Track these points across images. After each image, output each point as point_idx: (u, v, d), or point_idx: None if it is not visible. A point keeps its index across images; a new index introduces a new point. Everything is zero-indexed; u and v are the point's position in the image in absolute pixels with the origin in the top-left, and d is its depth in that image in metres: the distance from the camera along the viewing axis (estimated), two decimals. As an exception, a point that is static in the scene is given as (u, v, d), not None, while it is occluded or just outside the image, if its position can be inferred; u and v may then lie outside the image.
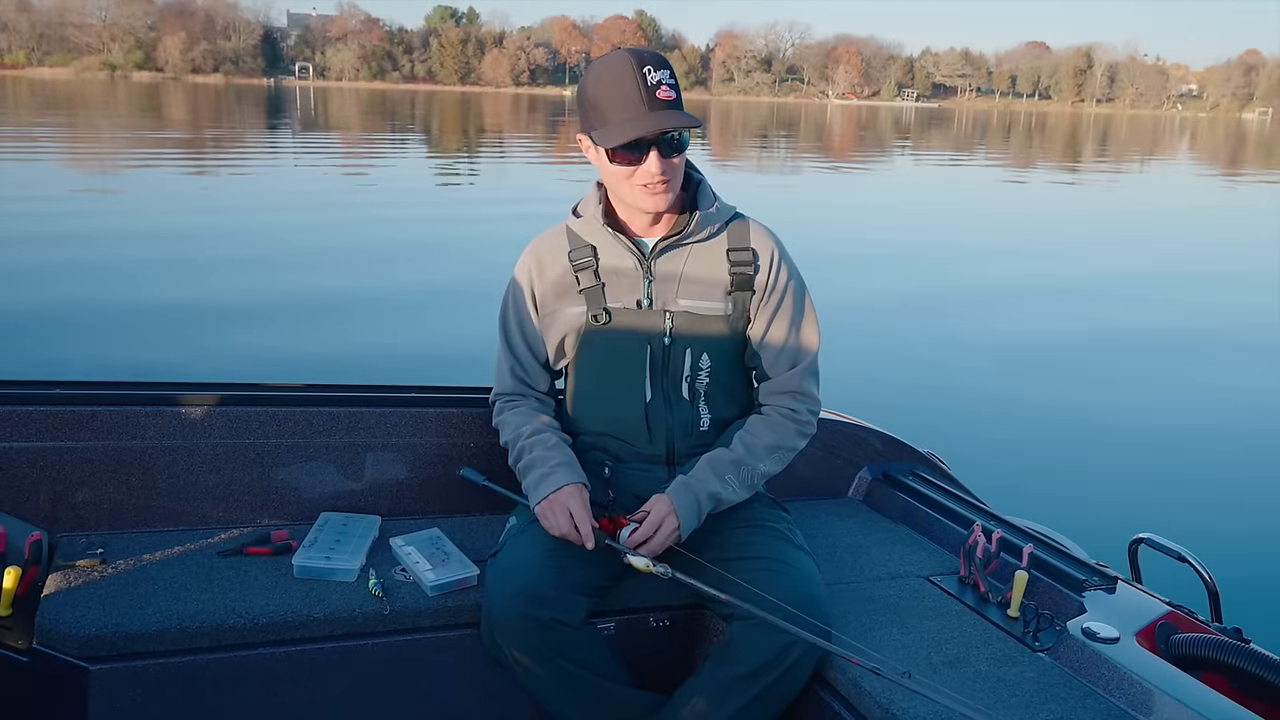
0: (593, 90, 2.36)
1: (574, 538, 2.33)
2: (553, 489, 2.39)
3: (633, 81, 2.27)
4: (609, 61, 2.33)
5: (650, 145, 2.30)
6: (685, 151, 2.39)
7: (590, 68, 2.41)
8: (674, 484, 2.43)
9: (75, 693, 2.19)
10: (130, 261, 11.57)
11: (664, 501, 2.39)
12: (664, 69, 2.31)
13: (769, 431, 2.54)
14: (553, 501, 2.37)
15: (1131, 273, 13.92)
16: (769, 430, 2.55)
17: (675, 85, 2.31)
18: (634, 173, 2.35)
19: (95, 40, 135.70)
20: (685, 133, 2.35)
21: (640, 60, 2.29)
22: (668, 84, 2.29)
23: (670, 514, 2.37)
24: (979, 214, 21.06)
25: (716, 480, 2.45)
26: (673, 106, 2.30)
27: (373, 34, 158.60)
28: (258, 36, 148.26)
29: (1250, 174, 38.54)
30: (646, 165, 2.32)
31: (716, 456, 2.49)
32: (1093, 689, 2.22)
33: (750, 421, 2.57)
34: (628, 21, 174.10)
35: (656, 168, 2.32)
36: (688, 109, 2.36)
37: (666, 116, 2.28)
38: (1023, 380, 8.38)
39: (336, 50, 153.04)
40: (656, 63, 2.31)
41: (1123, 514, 5.47)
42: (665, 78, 2.29)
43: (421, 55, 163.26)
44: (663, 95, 2.28)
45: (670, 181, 2.37)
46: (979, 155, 42.82)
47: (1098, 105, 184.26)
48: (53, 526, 2.61)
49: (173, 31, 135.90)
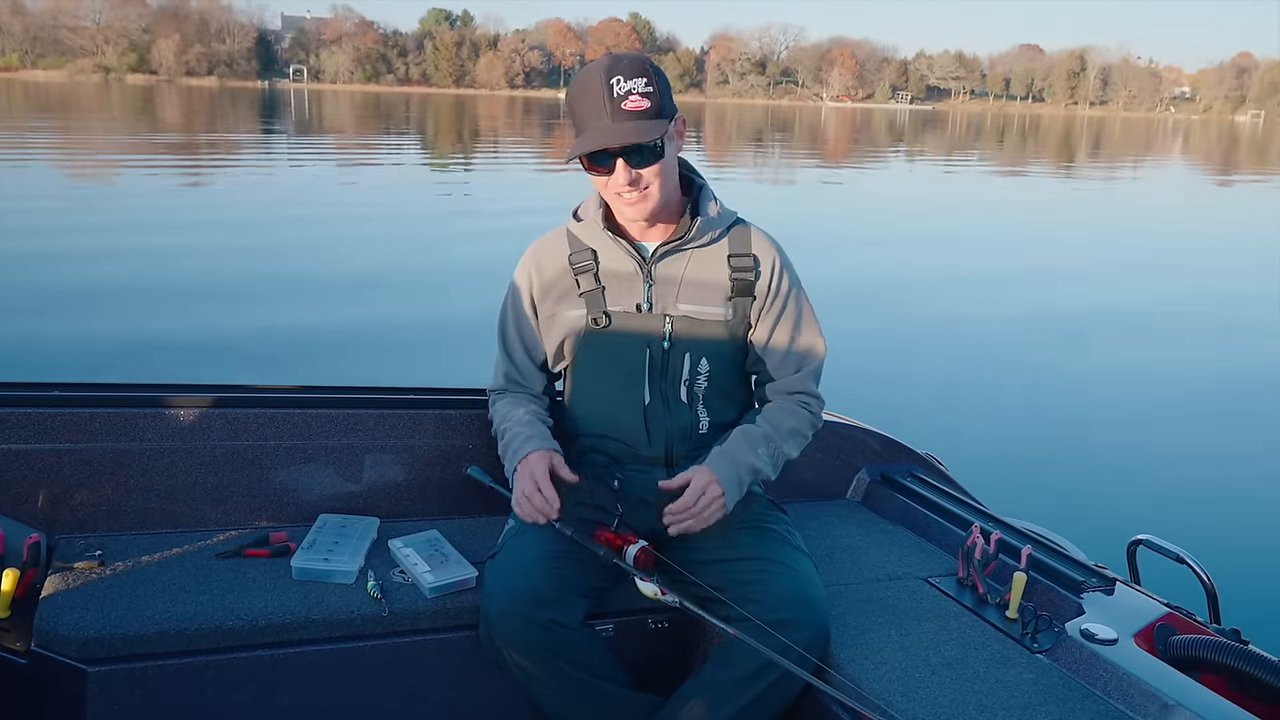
0: (570, 100, 2.38)
1: (537, 500, 2.34)
2: (519, 459, 2.43)
3: (599, 91, 2.27)
4: (586, 70, 2.33)
5: (617, 156, 2.31)
6: (663, 159, 2.36)
7: (573, 79, 2.41)
8: (712, 455, 2.43)
9: (73, 695, 2.19)
10: (128, 262, 11.56)
11: (704, 472, 2.38)
12: (637, 78, 2.28)
13: (788, 415, 2.57)
14: (519, 471, 2.40)
15: (1131, 273, 13.94)
16: (788, 414, 2.57)
17: (651, 93, 2.29)
18: (607, 183, 2.37)
19: (89, 43, 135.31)
20: (660, 142, 2.33)
21: (611, 70, 2.28)
22: (639, 93, 2.27)
23: (713, 482, 2.36)
24: (977, 215, 21.06)
25: (752, 453, 2.46)
26: (644, 116, 2.28)
27: (367, 37, 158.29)
28: (252, 39, 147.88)
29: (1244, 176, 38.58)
30: (615, 176, 2.34)
31: (749, 431, 2.50)
32: (1091, 690, 2.22)
33: (768, 408, 2.59)
34: (622, 24, 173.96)
35: (623, 178, 2.33)
36: (683, 111, 2.36)
37: (625, 129, 2.27)
38: (1021, 380, 8.39)
39: (331, 53, 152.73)
40: (630, 71, 2.28)
41: (1121, 515, 5.47)
42: (638, 87, 2.27)
43: (416, 58, 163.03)
44: (630, 106, 2.27)
45: (647, 190, 2.37)
46: (973, 158, 42.84)
47: (1091, 108, 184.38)
48: (51, 528, 2.61)
49: (167, 34, 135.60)
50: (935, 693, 2.20)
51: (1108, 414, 7.55)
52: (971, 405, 7.61)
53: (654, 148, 2.32)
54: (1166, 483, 6.22)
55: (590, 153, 2.32)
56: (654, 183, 2.37)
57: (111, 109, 53.80)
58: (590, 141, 2.29)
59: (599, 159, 2.33)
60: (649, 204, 2.40)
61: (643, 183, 2.35)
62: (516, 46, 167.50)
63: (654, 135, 2.29)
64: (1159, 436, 7.13)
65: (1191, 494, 6.03)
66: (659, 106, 2.30)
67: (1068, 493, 5.87)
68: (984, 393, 7.98)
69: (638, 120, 2.27)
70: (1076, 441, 6.89)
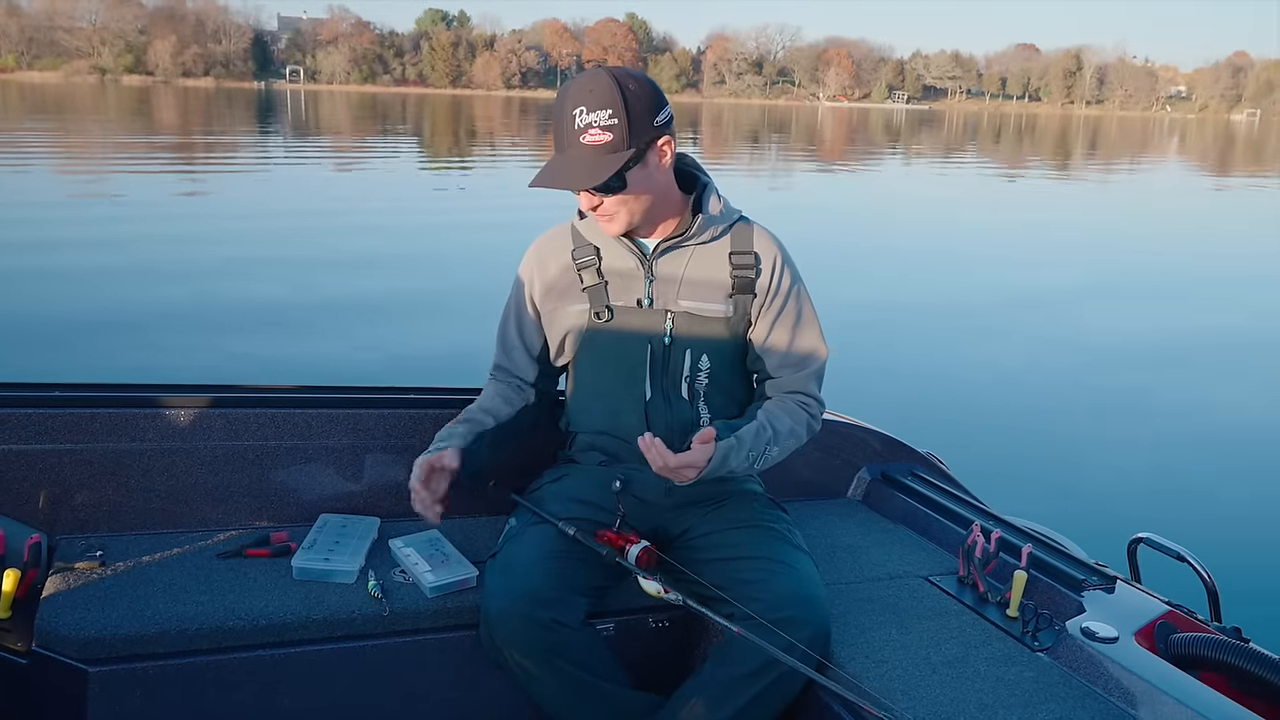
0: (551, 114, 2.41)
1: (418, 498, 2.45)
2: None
3: (565, 118, 2.30)
4: (564, 88, 2.33)
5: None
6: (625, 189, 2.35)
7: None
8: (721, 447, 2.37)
9: (74, 695, 2.19)
10: (125, 265, 11.56)
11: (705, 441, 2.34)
12: (601, 109, 2.26)
13: (788, 416, 2.56)
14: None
15: (1129, 274, 13.95)
16: (788, 414, 2.56)
17: (614, 125, 2.27)
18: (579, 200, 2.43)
19: (85, 44, 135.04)
20: (614, 178, 2.31)
21: (578, 98, 2.28)
22: (600, 126, 2.26)
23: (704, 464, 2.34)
24: (975, 216, 21.06)
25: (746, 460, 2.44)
26: (603, 150, 2.27)
27: (363, 37, 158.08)
28: (248, 40, 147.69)
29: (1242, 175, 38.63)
30: (580, 198, 2.40)
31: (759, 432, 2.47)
32: (1092, 688, 2.22)
33: (770, 404, 2.58)
34: (619, 24, 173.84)
35: (585, 203, 2.40)
36: (678, 113, 2.38)
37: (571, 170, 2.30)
38: (1021, 379, 8.40)
39: (327, 53, 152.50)
40: (595, 102, 2.27)
41: (1122, 513, 5.48)
42: (599, 120, 2.26)
43: (413, 58, 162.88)
44: (588, 140, 2.27)
45: (613, 214, 2.40)
46: (971, 157, 42.86)
47: (1087, 107, 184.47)
48: (52, 529, 2.61)
49: (163, 35, 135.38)
50: (936, 691, 2.21)
51: (1108, 412, 7.55)
52: (972, 404, 7.61)
53: (609, 183, 2.32)
54: (1167, 481, 6.22)
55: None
56: (618, 210, 2.39)
57: (108, 110, 53.77)
58: (542, 177, 2.33)
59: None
60: (615, 226, 2.43)
61: (605, 209, 2.39)
62: (513, 47, 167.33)
63: (603, 174, 2.29)
64: (1159, 434, 7.14)
65: (1192, 492, 6.03)
66: (623, 138, 2.28)
67: (1068, 491, 5.87)
68: (984, 391, 7.98)
69: (595, 153, 2.28)
70: (1077, 440, 6.90)
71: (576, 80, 2.32)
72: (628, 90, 2.28)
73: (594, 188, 2.33)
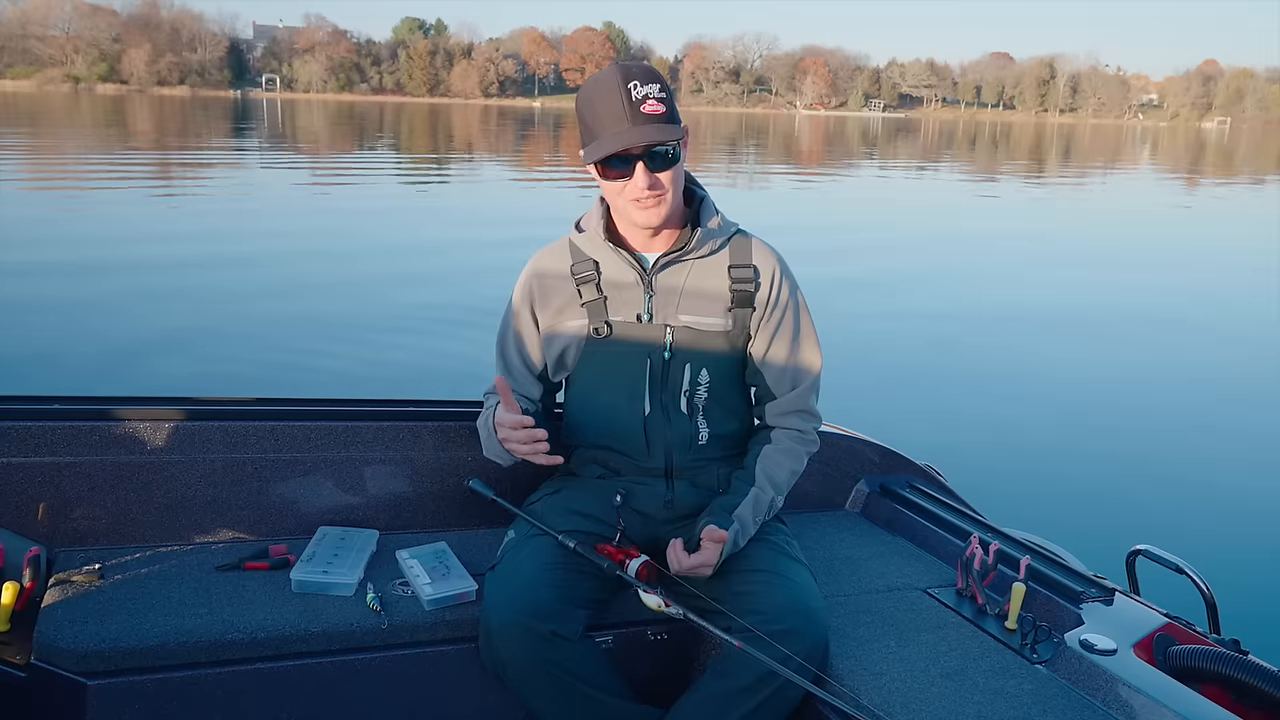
0: (583, 107, 2.38)
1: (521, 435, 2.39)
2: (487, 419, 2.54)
3: (617, 96, 2.28)
4: (598, 77, 2.34)
5: (637, 159, 2.32)
6: (677, 165, 2.38)
7: (583, 86, 2.42)
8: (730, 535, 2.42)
9: (73, 708, 2.18)
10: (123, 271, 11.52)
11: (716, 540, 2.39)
12: (653, 83, 2.30)
13: (787, 459, 2.59)
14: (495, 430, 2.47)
15: (1129, 281, 13.98)
16: (786, 458, 2.59)
17: (666, 99, 2.31)
18: (624, 188, 2.37)
19: (58, 52, 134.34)
20: (676, 146, 2.35)
21: (627, 75, 2.30)
22: (655, 98, 2.29)
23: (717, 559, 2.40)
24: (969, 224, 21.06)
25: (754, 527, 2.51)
26: (662, 120, 2.30)
27: (340, 46, 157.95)
28: (224, 49, 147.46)
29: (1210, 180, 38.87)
30: (635, 180, 2.34)
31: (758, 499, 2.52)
32: (1091, 701, 2.23)
33: (766, 453, 2.59)
34: (596, 33, 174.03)
35: (643, 182, 2.33)
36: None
37: (647, 130, 2.28)
38: (1019, 391, 8.39)
39: (304, 62, 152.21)
40: (644, 77, 2.31)
41: (1120, 526, 5.49)
42: (654, 91, 2.29)
43: (390, 67, 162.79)
44: (648, 109, 2.28)
45: (663, 195, 2.38)
46: (949, 167, 42.98)
47: (1061, 115, 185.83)
48: (51, 542, 2.60)
49: (137, 44, 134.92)
50: (934, 704, 2.21)
51: (1105, 424, 7.56)
52: (970, 416, 7.62)
53: (674, 151, 2.35)
54: (1165, 493, 6.23)
55: (609, 157, 2.32)
56: (670, 188, 2.38)
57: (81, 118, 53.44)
58: (615, 142, 2.29)
59: (617, 163, 2.33)
60: (664, 209, 2.40)
61: (660, 187, 2.36)
62: (491, 55, 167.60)
63: (675, 137, 2.32)
64: (1157, 446, 7.15)
65: (1190, 504, 6.05)
66: (672, 112, 2.33)
67: (1066, 503, 5.88)
68: (982, 404, 8.00)
69: (658, 123, 2.29)
70: (1075, 452, 6.89)
71: (608, 69, 2.34)
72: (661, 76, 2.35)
73: (664, 153, 2.33)
